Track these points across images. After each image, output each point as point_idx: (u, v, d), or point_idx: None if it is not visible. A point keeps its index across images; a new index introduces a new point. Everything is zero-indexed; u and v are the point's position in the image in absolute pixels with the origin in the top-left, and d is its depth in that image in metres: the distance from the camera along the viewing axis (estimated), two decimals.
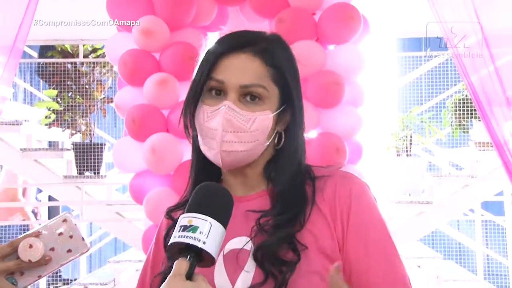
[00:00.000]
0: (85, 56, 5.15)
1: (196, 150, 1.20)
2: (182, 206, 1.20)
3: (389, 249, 1.14)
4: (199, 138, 1.16)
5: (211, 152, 1.14)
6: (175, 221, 1.18)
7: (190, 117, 1.17)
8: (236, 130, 1.11)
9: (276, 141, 1.18)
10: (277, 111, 1.15)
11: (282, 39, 1.22)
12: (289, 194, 1.14)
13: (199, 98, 1.16)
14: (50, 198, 5.64)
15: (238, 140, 1.12)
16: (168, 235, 1.19)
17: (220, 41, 1.17)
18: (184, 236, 0.96)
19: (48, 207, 6.04)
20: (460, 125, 4.90)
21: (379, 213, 1.16)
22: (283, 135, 1.18)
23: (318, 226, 1.11)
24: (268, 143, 1.16)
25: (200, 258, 0.96)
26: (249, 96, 1.12)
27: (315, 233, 1.10)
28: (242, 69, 1.13)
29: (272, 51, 1.16)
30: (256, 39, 1.17)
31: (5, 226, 5.86)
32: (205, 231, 0.96)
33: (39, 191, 6.18)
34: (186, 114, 1.18)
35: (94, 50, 5.18)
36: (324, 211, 1.12)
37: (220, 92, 1.14)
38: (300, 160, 1.19)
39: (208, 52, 1.17)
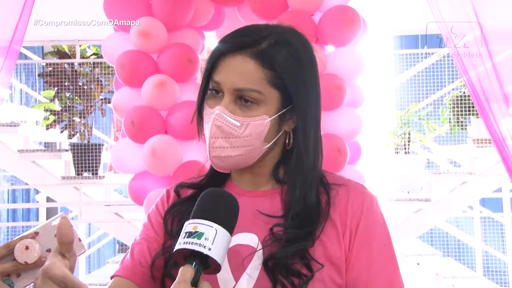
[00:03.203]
0: (83, 57, 5.14)
1: None
2: (194, 187, 1.21)
3: (390, 264, 1.15)
4: None
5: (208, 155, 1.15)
6: (179, 200, 1.20)
7: (199, 118, 1.18)
8: (227, 136, 1.10)
9: (287, 141, 1.16)
10: (278, 113, 1.12)
11: (294, 34, 1.17)
12: (303, 208, 1.12)
13: (205, 98, 1.16)
14: (48, 199, 5.63)
15: (229, 146, 1.11)
16: (170, 211, 1.20)
17: (223, 40, 1.15)
18: (189, 243, 0.94)
19: (46, 208, 6.03)
20: (458, 122, 4.90)
21: (386, 228, 1.18)
22: (291, 135, 1.16)
23: (329, 235, 1.12)
24: (269, 146, 1.14)
25: (205, 265, 0.95)
26: (244, 99, 1.11)
27: (325, 242, 1.11)
28: (237, 71, 1.10)
29: (271, 52, 1.11)
30: (256, 39, 1.12)
31: None
32: (211, 238, 0.95)
33: (36, 192, 6.17)
34: (198, 114, 1.18)
35: (96, 53, 5.17)
36: (334, 220, 1.13)
37: (220, 92, 1.13)
38: (315, 163, 1.16)
39: (212, 51, 1.15)
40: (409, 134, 4.79)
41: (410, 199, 4.62)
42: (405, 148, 4.79)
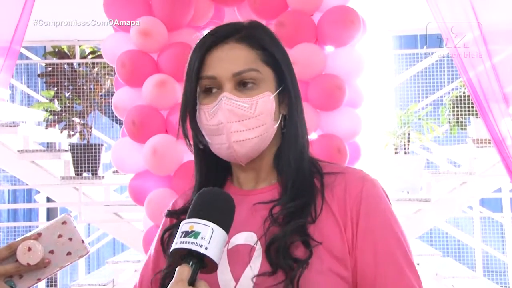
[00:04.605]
0: (83, 58, 5.14)
1: (200, 154, 1.20)
2: (184, 212, 1.17)
3: (400, 257, 1.08)
4: (208, 140, 1.15)
5: (222, 148, 1.13)
6: (177, 223, 1.17)
7: (191, 123, 1.16)
8: (241, 119, 1.10)
9: (283, 125, 1.17)
10: (277, 92, 1.14)
11: (262, 25, 1.20)
12: (297, 181, 1.12)
13: (195, 102, 1.14)
14: (48, 200, 5.63)
15: (245, 128, 1.10)
16: (166, 235, 1.19)
17: (201, 41, 1.15)
18: (185, 242, 0.94)
19: (47, 209, 6.03)
20: (457, 122, 4.90)
21: (391, 215, 1.11)
22: (287, 116, 1.17)
23: (328, 226, 1.08)
24: (277, 125, 1.15)
25: (202, 264, 0.95)
26: (244, 83, 1.11)
27: (324, 232, 1.07)
28: (230, 58, 1.11)
29: (254, 35, 1.15)
30: (235, 28, 1.15)
31: None
32: (207, 237, 0.95)
33: (37, 192, 6.17)
34: (184, 121, 1.17)
35: (93, 52, 5.17)
36: (334, 210, 1.09)
37: (215, 88, 1.12)
38: (306, 138, 1.18)
39: (191, 55, 1.15)
40: (408, 134, 4.79)
41: (409, 199, 4.63)
42: (404, 148, 4.79)
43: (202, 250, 0.94)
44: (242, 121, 1.10)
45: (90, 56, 5.12)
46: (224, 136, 1.11)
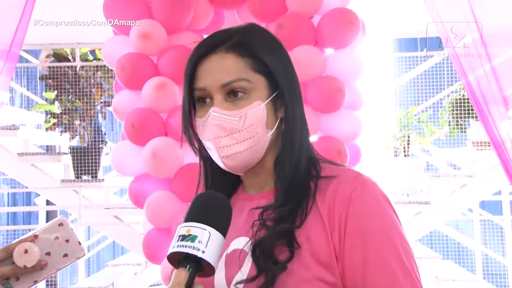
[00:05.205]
0: (83, 60, 5.14)
1: (206, 162, 1.20)
2: None
3: (391, 261, 1.02)
4: (208, 151, 1.15)
5: (217, 162, 1.13)
6: None
7: (193, 133, 1.16)
8: (230, 133, 1.09)
9: (283, 128, 1.15)
10: (270, 98, 1.12)
11: (257, 26, 1.19)
12: (291, 185, 1.10)
13: (194, 113, 1.15)
14: (48, 203, 5.63)
15: (235, 142, 1.09)
16: None
17: (194, 51, 1.15)
18: (182, 246, 0.94)
19: (46, 212, 6.03)
20: (457, 124, 4.90)
21: (387, 217, 1.05)
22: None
23: (314, 230, 1.05)
24: (273, 132, 1.13)
25: (199, 268, 0.95)
26: (234, 92, 1.10)
27: (311, 237, 1.04)
28: (218, 69, 1.10)
29: (245, 42, 1.12)
30: (226, 36, 1.13)
31: None
32: (204, 240, 0.95)
33: (37, 195, 6.17)
34: (186, 132, 1.17)
35: (91, 51, 5.17)
36: (322, 214, 1.05)
37: (208, 98, 1.12)
38: (303, 141, 1.15)
39: (186, 65, 1.15)
40: (408, 137, 4.79)
41: (409, 202, 4.62)
42: (404, 151, 4.79)
43: (199, 254, 0.94)
44: (231, 135, 1.09)
45: (88, 57, 5.12)
46: (215, 151, 1.11)
